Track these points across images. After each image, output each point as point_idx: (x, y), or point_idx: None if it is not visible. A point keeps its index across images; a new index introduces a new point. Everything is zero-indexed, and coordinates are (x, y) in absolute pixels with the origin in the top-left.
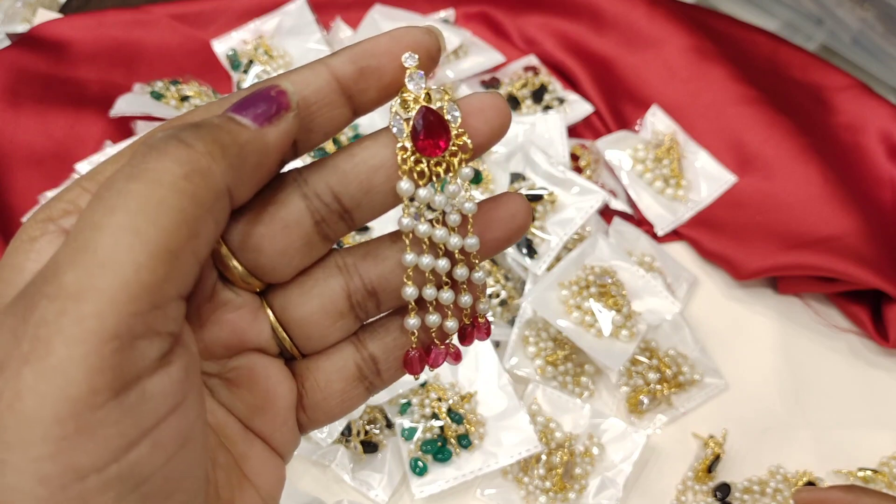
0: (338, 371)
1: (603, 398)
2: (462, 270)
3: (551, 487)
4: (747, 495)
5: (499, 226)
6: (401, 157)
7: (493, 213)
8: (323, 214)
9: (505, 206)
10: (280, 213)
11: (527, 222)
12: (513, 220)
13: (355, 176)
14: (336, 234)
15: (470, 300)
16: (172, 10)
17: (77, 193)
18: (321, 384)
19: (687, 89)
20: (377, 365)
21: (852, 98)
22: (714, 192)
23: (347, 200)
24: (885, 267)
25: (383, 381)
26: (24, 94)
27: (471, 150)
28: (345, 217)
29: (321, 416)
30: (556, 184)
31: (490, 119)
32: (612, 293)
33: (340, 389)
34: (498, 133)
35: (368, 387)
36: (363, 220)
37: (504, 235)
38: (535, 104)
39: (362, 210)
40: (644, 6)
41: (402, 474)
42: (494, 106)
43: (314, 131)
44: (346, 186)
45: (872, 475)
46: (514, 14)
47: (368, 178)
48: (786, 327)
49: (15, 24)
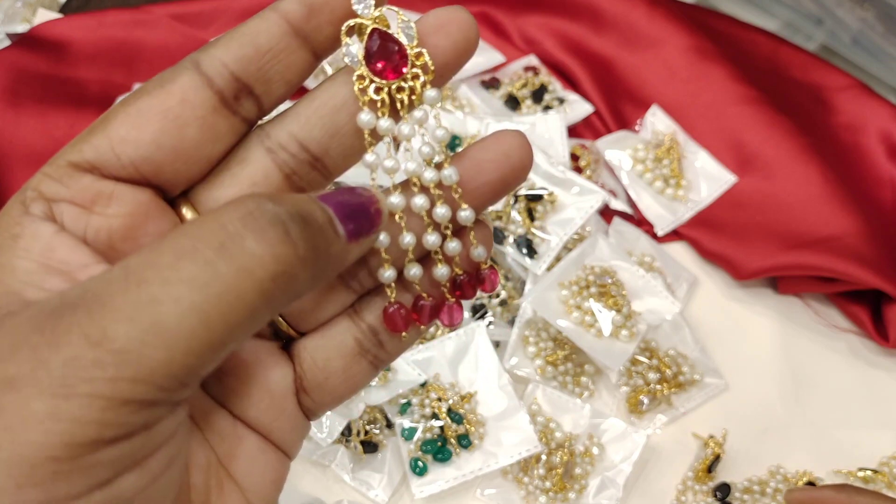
0: (336, 347)
1: (603, 398)
2: (443, 210)
3: (551, 487)
4: (747, 495)
5: (491, 166)
6: (358, 88)
7: (482, 152)
8: (292, 166)
9: (497, 143)
10: (246, 172)
11: (525, 161)
12: (507, 158)
13: (318, 119)
14: (311, 185)
15: (458, 247)
16: (172, 10)
17: (39, 180)
18: (320, 364)
19: (687, 89)
20: (378, 336)
21: (852, 98)
22: (714, 192)
23: (315, 147)
24: (885, 267)
25: (388, 352)
26: (24, 94)
27: (432, 71)
28: (316, 166)
29: (327, 398)
30: (556, 184)
31: (452, 34)
32: (612, 293)
33: (342, 367)
34: (463, 50)
35: (373, 361)
36: (337, 168)
37: (499, 177)
38: (535, 104)
39: (333, 156)
40: (644, 6)
41: (402, 474)
42: (455, 20)
43: (275, 81)
44: (311, 132)
45: (872, 475)
46: (514, 14)
47: (332, 120)
48: (786, 327)
49: (15, 24)
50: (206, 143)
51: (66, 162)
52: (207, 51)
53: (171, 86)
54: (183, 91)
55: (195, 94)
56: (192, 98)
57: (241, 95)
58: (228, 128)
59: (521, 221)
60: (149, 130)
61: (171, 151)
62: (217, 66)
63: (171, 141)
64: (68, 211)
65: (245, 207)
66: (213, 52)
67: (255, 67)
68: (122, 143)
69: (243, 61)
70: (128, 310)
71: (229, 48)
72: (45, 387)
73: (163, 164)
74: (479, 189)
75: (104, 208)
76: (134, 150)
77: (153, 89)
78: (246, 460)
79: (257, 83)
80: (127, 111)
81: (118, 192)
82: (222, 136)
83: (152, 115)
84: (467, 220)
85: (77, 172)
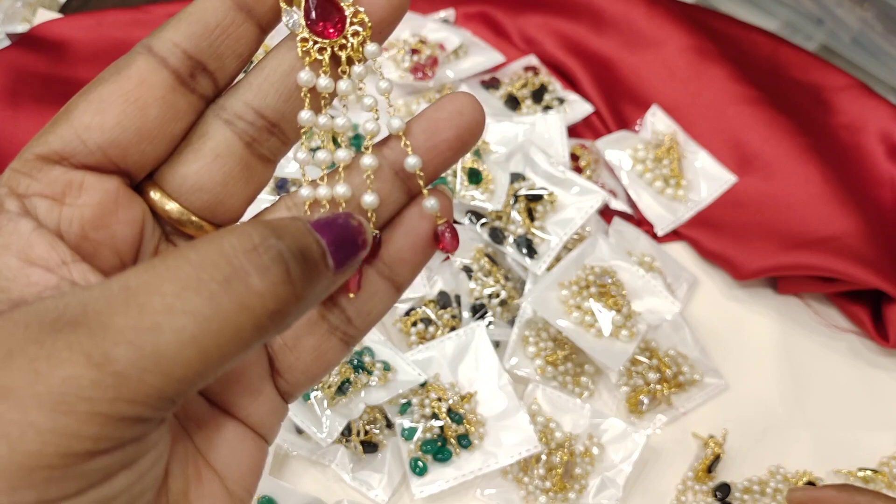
0: (303, 326)
1: (603, 398)
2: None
3: (551, 487)
4: (747, 495)
5: (447, 124)
6: (302, 50)
7: (437, 112)
8: (251, 134)
9: (450, 102)
10: (208, 146)
11: (478, 118)
12: (461, 116)
13: (269, 86)
14: (273, 152)
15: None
16: (172, 10)
17: (8, 177)
18: (289, 343)
19: (687, 89)
20: (346, 313)
21: (852, 98)
22: (714, 192)
23: (270, 113)
24: (885, 267)
25: (357, 328)
26: (24, 94)
27: (370, 27)
28: (274, 131)
29: (301, 378)
30: (556, 184)
31: None
32: (612, 293)
33: (312, 345)
34: (398, 4)
35: (343, 337)
36: (295, 132)
37: (455, 134)
38: (535, 104)
39: (288, 119)
40: (644, 6)
41: (402, 474)
42: None
43: (226, 56)
44: (264, 99)
45: (872, 475)
46: (514, 14)
47: (283, 84)
48: (786, 327)
49: (15, 24)
50: (168, 122)
51: (34, 155)
52: (158, 34)
53: (127, 71)
54: (140, 74)
55: (152, 75)
56: (149, 79)
57: (196, 73)
58: (188, 105)
59: (521, 221)
60: (112, 115)
61: (135, 133)
62: (169, 46)
63: (134, 123)
64: (40, 204)
65: (250, 240)
66: (164, 35)
67: (207, 44)
68: (87, 130)
69: (194, 39)
70: (129, 334)
71: (179, 28)
72: (44, 401)
73: (129, 146)
74: (437, 147)
75: (75, 199)
76: (100, 135)
77: (110, 76)
78: (224, 448)
79: (210, 59)
80: (88, 99)
81: (87, 181)
82: (183, 114)
83: (113, 99)
84: (413, 167)
85: (46, 165)
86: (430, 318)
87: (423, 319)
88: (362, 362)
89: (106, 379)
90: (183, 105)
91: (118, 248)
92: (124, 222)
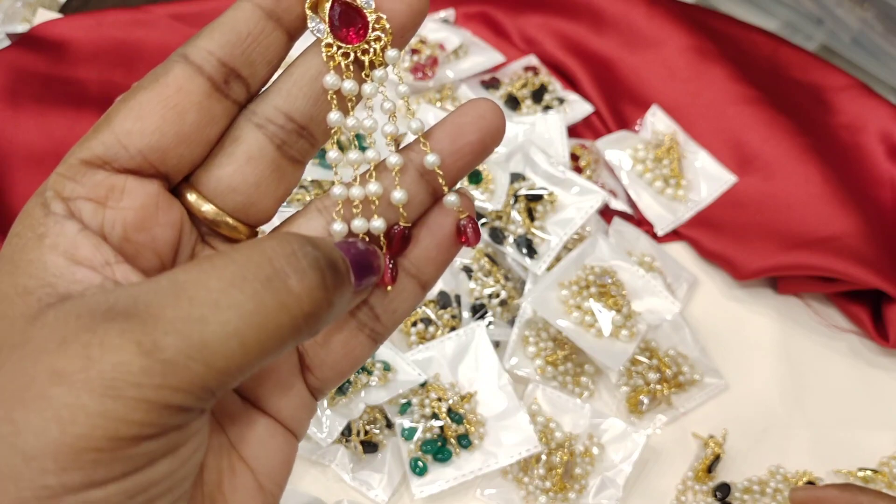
0: (334, 323)
1: (603, 398)
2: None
3: (551, 487)
4: (747, 495)
5: (471, 128)
6: (327, 55)
7: (461, 117)
8: (282, 137)
9: (472, 108)
10: (241, 149)
11: (499, 123)
12: (483, 120)
13: (298, 90)
14: (302, 154)
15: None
16: (172, 10)
17: (55, 181)
18: (319, 339)
19: (687, 89)
20: (374, 311)
21: (852, 98)
22: (714, 192)
23: (299, 117)
24: (885, 267)
25: (385, 325)
26: (24, 94)
27: (390, 33)
28: (303, 134)
29: (330, 374)
30: (556, 184)
31: None
32: (612, 293)
33: (341, 341)
34: (417, 11)
35: (371, 334)
36: (324, 134)
37: (478, 138)
38: (535, 104)
39: (317, 122)
40: (644, 6)
41: (402, 474)
42: None
43: (258, 62)
44: (294, 103)
45: (872, 475)
46: (514, 14)
47: (311, 88)
48: (786, 327)
49: (15, 24)
50: (204, 127)
51: (78, 160)
52: (193, 43)
53: (165, 78)
54: (177, 81)
55: (189, 82)
56: (186, 86)
57: (230, 79)
58: (222, 110)
59: (521, 221)
60: (152, 120)
61: (174, 137)
62: (204, 55)
63: (173, 128)
64: (85, 207)
65: (290, 246)
66: (199, 43)
67: (239, 52)
68: (128, 135)
69: (227, 47)
70: (178, 324)
71: (213, 37)
72: (95, 386)
73: (168, 150)
74: (461, 150)
75: (117, 202)
76: (140, 140)
77: (149, 84)
78: (256, 443)
79: (243, 66)
80: (129, 106)
81: (129, 185)
82: (218, 119)
83: (153, 106)
84: (432, 164)
85: (90, 169)
86: (430, 318)
87: (423, 319)
88: None
89: (154, 366)
90: (218, 110)
91: (158, 250)
92: (164, 224)
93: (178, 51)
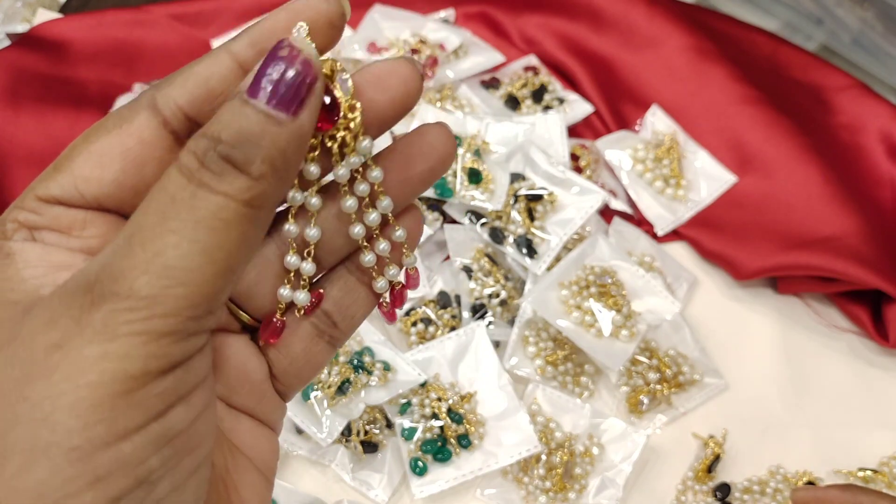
0: (294, 334)
1: (603, 398)
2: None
3: (551, 487)
4: (747, 495)
5: (419, 159)
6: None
7: (409, 147)
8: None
9: (421, 136)
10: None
11: (449, 149)
12: (432, 149)
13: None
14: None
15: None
16: (172, 10)
17: (15, 213)
18: (282, 350)
19: (687, 89)
20: (331, 318)
21: (852, 98)
22: (714, 192)
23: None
24: (885, 267)
25: (342, 331)
26: (24, 94)
27: (360, 129)
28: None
29: (294, 381)
30: (556, 184)
31: (390, 89)
32: (612, 293)
33: (303, 350)
34: (401, 105)
35: (330, 340)
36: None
37: (427, 168)
38: (535, 104)
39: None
40: (644, 6)
41: (402, 474)
42: (397, 73)
43: None
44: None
45: (872, 475)
46: (514, 14)
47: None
48: (786, 327)
49: (15, 24)
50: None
51: (35, 196)
52: (163, 89)
53: (129, 126)
54: (141, 132)
55: (152, 134)
56: (149, 139)
57: (194, 130)
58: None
59: (521, 221)
60: (111, 170)
61: (131, 190)
62: (172, 106)
63: (131, 180)
64: (48, 236)
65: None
66: (169, 92)
67: (209, 107)
68: (85, 182)
69: (196, 102)
70: (141, 266)
71: (185, 87)
72: (90, 338)
73: (123, 200)
74: (410, 180)
75: (80, 232)
76: (97, 189)
77: (113, 127)
78: (245, 435)
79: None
80: (90, 150)
81: (89, 218)
82: None
83: (114, 155)
84: (401, 238)
85: (47, 205)
86: (430, 318)
87: (423, 319)
88: (362, 362)
89: (138, 304)
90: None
91: None
92: None
93: (149, 93)
